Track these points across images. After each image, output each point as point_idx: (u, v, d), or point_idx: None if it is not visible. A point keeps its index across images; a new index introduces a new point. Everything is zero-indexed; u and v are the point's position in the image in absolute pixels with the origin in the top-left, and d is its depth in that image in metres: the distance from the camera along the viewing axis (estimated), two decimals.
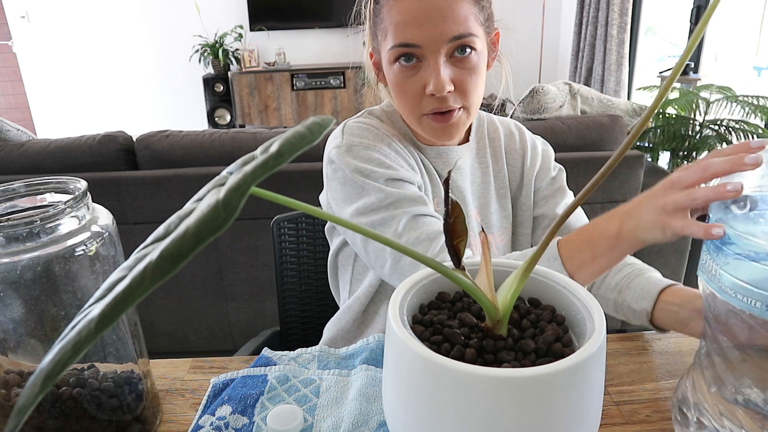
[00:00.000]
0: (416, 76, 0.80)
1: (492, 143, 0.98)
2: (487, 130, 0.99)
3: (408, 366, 0.46)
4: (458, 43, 0.78)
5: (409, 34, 0.78)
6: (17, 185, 0.59)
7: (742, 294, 0.49)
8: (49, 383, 0.27)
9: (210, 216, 0.27)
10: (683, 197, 0.57)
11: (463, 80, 0.80)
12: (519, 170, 0.98)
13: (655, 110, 0.40)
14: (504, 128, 1.00)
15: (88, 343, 0.26)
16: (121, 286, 0.27)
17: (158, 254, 0.27)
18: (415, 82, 0.80)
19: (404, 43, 0.78)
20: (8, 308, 0.53)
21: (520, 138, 0.99)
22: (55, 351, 0.28)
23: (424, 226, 0.80)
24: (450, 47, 0.78)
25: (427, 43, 0.77)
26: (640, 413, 0.66)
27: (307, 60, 4.84)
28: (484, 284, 0.50)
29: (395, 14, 0.79)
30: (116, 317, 0.26)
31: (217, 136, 1.83)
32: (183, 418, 0.67)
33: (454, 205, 0.50)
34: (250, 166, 0.30)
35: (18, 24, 4.58)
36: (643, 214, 0.63)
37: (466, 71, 0.80)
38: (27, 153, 1.80)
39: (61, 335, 0.30)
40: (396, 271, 0.81)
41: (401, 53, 0.79)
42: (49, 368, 0.27)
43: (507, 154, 0.98)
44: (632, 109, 2.13)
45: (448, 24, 0.76)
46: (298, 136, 0.32)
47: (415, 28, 0.77)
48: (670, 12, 4.04)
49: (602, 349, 0.46)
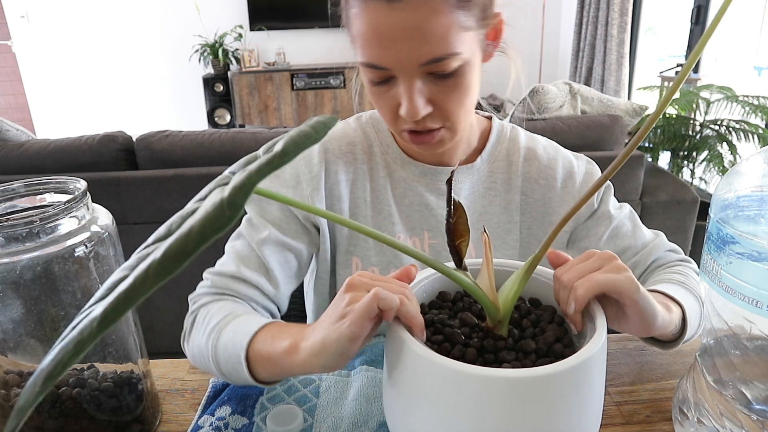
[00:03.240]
0: (389, 93, 0.68)
1: (509, 167, 0.83)
2: (507, 150, 0.84)
3: (408, 365, 0.46)
4: (435, 67, 0.64)
5: (375, 54, 0.65)
6: (17, 185, 0.58)
7: (743, 294, 0.49)
8: (49, 383, 0.26)
9: (214, 214, 0.27)
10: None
11: (444, 99, 0.67)
12: (539, 204, 0.83)
13: (658, 117, 0.40)
14: (527, 150, 0.83)
15: (90, 343, 0.26)
16: (124, 285, 0.27)
17: (162, 252, 0.27)
18: (389, 100, 0.68)
19: (371, 64, 0.66)
20: (8, 308, 0.53)
21: (548, 164, 0.82)
22: (56, 351, 0.28)
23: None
24: (426, 69, 0.65)
25: (397, 66, 0.65)
26: (641, 413, 0.66)
27: (307, 60, 4.84)
28: (486, 284, 0.50)
29: (360, 26, 0.65)
30: (119, 316, 0.26)
31: (217, 136, 1.83)
32: (183, 418, 0.67)
33: (456, 206, 0.50)
34: (255, 165, 0.30)
35: (18, 24, 4.57)
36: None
37: (448, 89, 0.67)
38: (26, 153, 1.80)
39: (62, 335, 0.30)
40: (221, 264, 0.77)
41: (370, 74, 0.68)
42: (50, 368, 0.27)
43: (524, 183, 0.83)
44: (632, 109, 2.13)
45: (421, 46, 0.62)
46: (302, 135, 0.32)
47: (380, 49, 0.64)
48: (670, 12, 4.04)
49: (603, 350, 0.46)
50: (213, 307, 0.70)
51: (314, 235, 0.81)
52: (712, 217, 0.54)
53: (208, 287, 0.74)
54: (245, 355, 0.59)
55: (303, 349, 0.51)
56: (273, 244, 0.76)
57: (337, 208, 0.80)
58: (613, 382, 0.71)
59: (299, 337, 0.53)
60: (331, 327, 0.48)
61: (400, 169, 0.82)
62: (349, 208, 0.81)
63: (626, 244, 0.80)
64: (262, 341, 0.59)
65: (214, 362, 0.63)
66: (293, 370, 0.54)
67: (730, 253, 0.50)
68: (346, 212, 0.81)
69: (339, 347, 0.47)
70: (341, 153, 0.81)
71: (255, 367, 0.59)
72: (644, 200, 1.91)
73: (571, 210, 0.47)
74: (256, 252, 0.75)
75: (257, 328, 0.60)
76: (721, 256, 0.51)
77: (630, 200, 1.89)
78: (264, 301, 0.76)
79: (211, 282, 0.74)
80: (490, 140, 0.83)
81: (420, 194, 0.81)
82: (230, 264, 0.75)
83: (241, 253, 0.76)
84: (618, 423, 0.64)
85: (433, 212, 0.81)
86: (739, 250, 0.49)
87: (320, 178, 0.78)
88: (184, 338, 0.72)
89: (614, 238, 0.81)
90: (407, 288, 0.50)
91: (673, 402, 0.63)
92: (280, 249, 0.77)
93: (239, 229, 0.78)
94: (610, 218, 0.81)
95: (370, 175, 0.81)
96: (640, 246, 0.80)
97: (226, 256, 0.77)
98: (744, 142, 2.51)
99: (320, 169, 0.79)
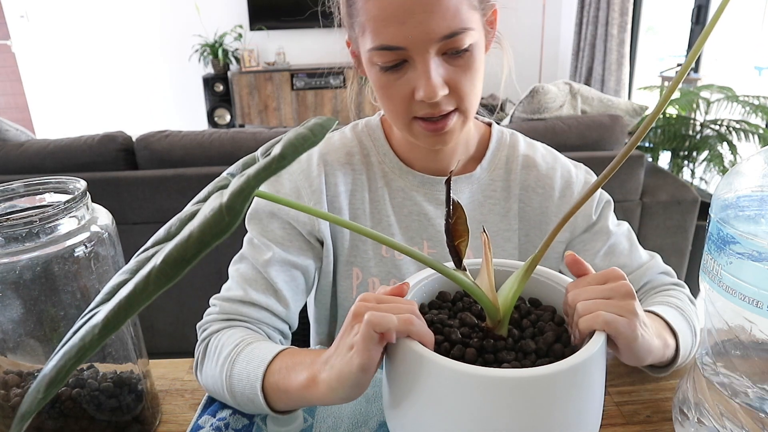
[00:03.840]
0: (403, 78, 0.68)
1: (508, 175, 0.82)
2: (507, 157, 0.83)
3: (408, 365, 0.46)
4: (450, 43, 0.65)
5: (389, 34, 0.64)
6: (16, 185, 0.58)
7: (743, 294, 0.49)
8: (52, 390, 0.26)
9: (214, 220, 0.27)
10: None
11: (459, 80, 0.68)
12: (536, 213, 0.82)
13: (656, 117, 0.40)
14: (525, 158, 0.82)
15: (92, 350, 0.26)
16: (124, 291, 0.27)
17: (162, 259, 0.27)
18: (402, 86, 0.68)
19: (385, 46, 0.65)
20: (7, 309, 0.52)
21: (546, 172, 0.82)
22: (58, 357, 0.28)
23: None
24: (441, 46, 0.65)
25: (413, 43, 0.64)
26: (641, 414, 0.65)
27: (307, 60, 4.84)
28: (485, 284, 0.50)
29: (372, 7, 0.65)
30: (120, 324, 0.26)
31: (217, 136, 1.83)
32: (182, 418, 0.67)
33: (456, 206, 0.50)
34: (253, 169, 0.29)
35: (17, 24, 4.57)
36: None
37: (461, 69, 0.67)
38: (26, 153, 1.80)
39: (63, 340, 0.30)
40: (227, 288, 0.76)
41: (383, 57, 0.67)
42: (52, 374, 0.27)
43: (522, 191, 0.82)
44: (633, 108, 2.12)
45: (437, 20, 0.63)
46: (300, 137, 0.32)
47: (397, 26, 0.64)
48: (670, 11, 4.04)
49: (603, 350, 0.46)
50: (223, 335, 0.69)
51: (318, 249, 0.80)
52: (713, 217, 0.54)
53: (217, 313, 0.73)
54: (261, 386, 0.59)
55: (321, 383, 0.52)
56: (278, 263, 0.75)
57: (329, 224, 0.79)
58: (613, 382, 0.71)
59: (315, 369, 0.54)
60: (343, 359, 0.49)
61: (398, 179, 0.81)
62: (349, 219, 0.80)
63: (621, 262, 0.80)
64: (277, 373, 0.59)
65: (230, 394, 0.64)
66: (312, 402, 0.56)
67: (731, 253, 0.50)
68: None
69: (354, 380, 0.48)
70: (339, 164, 0.80)
71: (271, 400, 0.60)
72: (644, 200, 1.91)
73: (570, 210, 0.47)
74: (262, 273, 0.74)
75: (270, 359, 0.61)
76: (722, 256, 0.51)
77: (630, 200, 1.89)
78: (275, 322, 0.75)
79: (219, 308, 0.73)
80: (490, 148, 0.83)
81: (418, 204, 0.81)
82: (237, 288, 0.74)
83: (247, 275, 0.75)
84: (618, 423, 0.64)
85: (431, 222, 0.81)
86: (740, 250, 0.49)
87: (321, 191, 0.78)
88: (196, 368, 0.71)
89: (610, 255, 0.80)
90: (413, 305, 0.49)
91: (674, 402, 0.63)
92: (286, 268, 0.76)
93: (242, 252, 0.77)
94: (608, 234, 0.80)
95: (368, 186, 0.81)
96: (635, 266, 0.80)
97: (231, 281, 0.76)
98: (744, 141, 2.51)
99: (320, 182, 0.78)
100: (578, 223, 0.81)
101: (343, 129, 0.85)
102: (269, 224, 0.77)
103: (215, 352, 0.67)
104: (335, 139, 0.83)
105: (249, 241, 0.77)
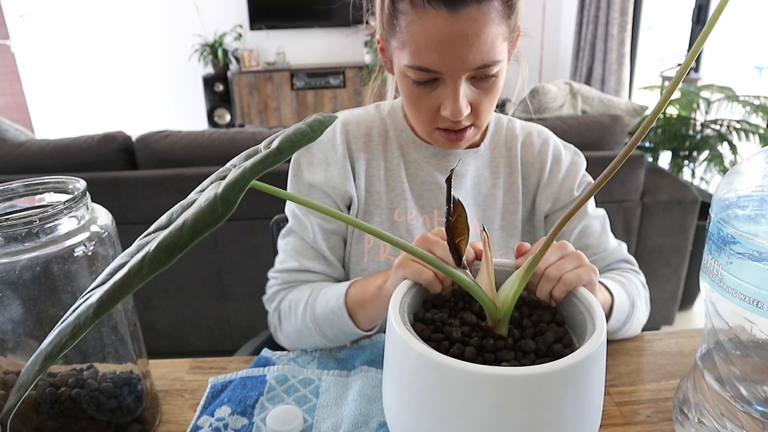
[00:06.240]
0: (432, 93, 0.74)
1: (509, 153, 0.89)
2: (506, 137, 0.90)
3: (408, 363, 0.46)
4: (482, 72, 0.72)
5: (429, 59, 0.70)
6: (16, 185, 0.58)
7: (744, 294, 0.49)
8: (48, 364, 0.28)
9: (208, 210, 0.28)
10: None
11: (481, 102, 0.75)
12: (534, 186, 0.89)
13: (656, 117, 0.40)
14: (523, 136, 0.90)
15: (86, 328, 0.27)
16: (119, 274, 0.28)
17: (156, 245, 0.28)
18: (431, 100, 0.75)
19: (423, 68, 0.71)
20: (7, 308, 0.52)
21: (540, 149, 0.89)
22: (54, 333, 0.29)
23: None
24: (472, 73, 0.72)
25: (448, 70, 0.71)
26: (641, 414, 0.65)
27: (307, 60, 4.84)
28: (485, 284, 0.50)
29: (416, 32, 0.70)
30: (114, 304, 0.27)
31: (217, 136, 1.83)
32: (182, 418, 0.67)
33: (456, 204, 0.50)
34: (250, 162, 0.30)
35: (17, 23, 4.57)
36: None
37: (484, 92, 0.75)
38: (26, 153, 1.79)
39: (63, 317, 0.31)
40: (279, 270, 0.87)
41: (418, 75, 0.73)
42: (48, 349, 0.28)
43: (523, 167, 0.89)
44: (633, 108, 2.13)
45: (473, 53, 0.69)
46: (298, 133, 0.32)
47: (437, 54, 0.70)
48: (671, 11, 4.04)
49: (602, 349, 0.46)
50: (292, 293, 0.82)
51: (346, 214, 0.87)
52: (713, 217, 0.54)
53: (280, 284, 0.85)
54: (345, 306, 0.73)
55: (389, 280, 0.63)
56: (321, 232, 0.85)
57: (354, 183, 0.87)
58: (613, 382, 0.71)
59: (384, 277, 0.68)
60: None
61: (412, 152, 0.88)
62: (365, 184, 0.87)
63: (590, 242, 0.86)
64: (354, 293, 0.74)
65: (318, 331, 0.77)
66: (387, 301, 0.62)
67: (731, 253, 0.50)
68: (362, 188, 0.87)
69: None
70: (359, 134, 0.87)
71: (355, 316, 0.74)
72: (644, 200, 1.91)
73: (570, 210, 0.47)
74: (310, 244, 0.85)
75: (347, 287, 0.75)
76: (722, 256, 0.51)
77: (630, 200, 1.89)
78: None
79: (280, 279, 0.85)
80: (489, 129, 0.90)
81: (431, 174, 0.87)
82: (291, 260, 0.85)
83: (297, 247, 0.85)
84: (618, 423, 0.64)
85: (443, 191, 0.86)
86: (740, 250, 0.49)
87: (345, 156, 0.86)
88: (276, 332, 0.84)
89: (582, 235, 0.86)
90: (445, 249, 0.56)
91: (674, 402, 0.63)
92: (328, 235, 0.86)
93: (288, 226, 0.87)
94: (584, 214, 0.87)
95: (384, 156, 0.88)
96: (601, 249, 0.86)
97: (283, 254, 0.86)
98: (745, 141, 2.50)
99: (344, 148, 0.86)
100: (561, 196, 0.88)
101: (367, 107, 0.92)
102: (309, 195, 0.86)
103: (292, 308, 0.81)
104: (358, 112, 0.90)
105: (293, 214, 0.86)
